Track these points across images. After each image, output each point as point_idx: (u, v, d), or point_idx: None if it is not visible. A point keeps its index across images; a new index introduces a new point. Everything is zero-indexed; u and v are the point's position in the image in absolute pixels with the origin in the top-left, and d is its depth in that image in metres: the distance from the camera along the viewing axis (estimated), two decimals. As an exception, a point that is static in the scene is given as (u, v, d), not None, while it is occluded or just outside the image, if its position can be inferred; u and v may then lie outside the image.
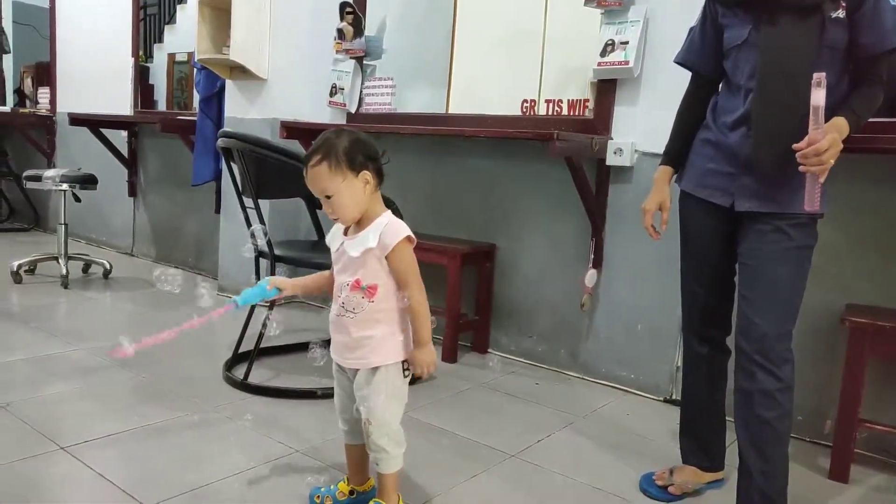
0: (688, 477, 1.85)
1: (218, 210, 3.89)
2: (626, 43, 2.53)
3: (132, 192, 4.82)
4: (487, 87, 3.11)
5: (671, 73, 1.92)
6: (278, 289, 1.57)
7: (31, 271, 3.93)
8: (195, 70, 3.96)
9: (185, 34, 4.52)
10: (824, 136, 1.40)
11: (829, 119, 1.48)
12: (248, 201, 2.45)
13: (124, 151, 4.75)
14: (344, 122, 3.46)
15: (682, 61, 1.78)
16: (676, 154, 1.79)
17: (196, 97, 3.99)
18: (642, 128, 2.55)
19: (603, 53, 2.58)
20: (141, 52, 4.74)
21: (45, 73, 5.52)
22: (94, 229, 5.14)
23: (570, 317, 2.80)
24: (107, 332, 3.02)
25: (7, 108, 5.69)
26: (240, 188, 2.52)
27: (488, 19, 3.11)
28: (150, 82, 4.88)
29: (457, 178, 3.14)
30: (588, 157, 2.60)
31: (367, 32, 3.42)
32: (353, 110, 3.46)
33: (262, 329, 2.47)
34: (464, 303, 2.94)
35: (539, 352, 2.91)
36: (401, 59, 3.40)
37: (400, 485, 1.60)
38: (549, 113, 2.87)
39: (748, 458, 1.60)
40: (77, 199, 3.93)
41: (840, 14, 1.50)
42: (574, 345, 2.80)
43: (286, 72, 3.54)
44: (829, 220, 1.68)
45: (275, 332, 2.58)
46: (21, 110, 5.60)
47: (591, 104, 2.74)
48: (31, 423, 2.01)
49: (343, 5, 3.40)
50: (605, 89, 2.64)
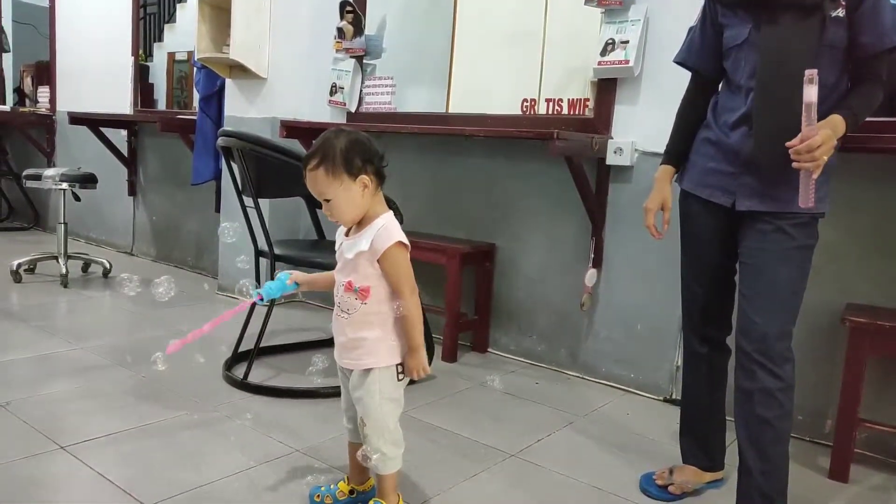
0: (688, 476, 1.85)
1: (218, 209, 3.89)
2: (627, 42, 2.52)
3: (132, 191, 4.82)
4: (488, 86, 3.11)
5: (672, 72, 1.92)
6: (297, 283, 1.58)
7: (31, 270, 3.93)
8: (195, 69, 3.96)
9: (184, 33, 4.53)
10: (817, 133, 1.40)
11: (827, 118, 1.48)
12: (249, 200, 2.45)
13: (124, 150, 4.75)
14: (344, 121, 3.46)
15: (681, 61, 1.78)
16: (677, 153, 1.78)
17: (196, 96, 3.99)
18: (643, 127, 2.55)
19: (603, 53, 2.58)
20: (141, 51, 4.74)
21: (44, 72, 5.52)
22: (93, 228, 5.14)
23: (570, 316, 2.80)
24: (106, 331, 3.02)
25: (7, 107, 5.68)
26: (240, 187, 2.52)
27: (488, 18, 3.10)
28: (150, 81, 4.88)
29: (457, 178, 3.13)
30: (588, 156, 2.60)
31: (367, 31, 3.42)
32: (353, 109, 3.46)
33: (262, 328, 2.48)
34: (464, 302, 2.94)
35: (539, 351, 2.91)
36: (401, 58, 3.40)
37: (400, 484, 1.60)
38: (550, 112, 2.87)
39: (748, 457, 1.59)
40: (77, 199, 3.93)
41: (840, 13, 1.50)
42: (574, 344, 2.80)
43: (286, 71, 3.54)
44: (829, 220, 1.68)
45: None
46: (21, 109, 5.60)
47: (591, 103, 2.74)
48: (31, 422, 2.01)
49: (343, 4, 3.40)
50: (606, 89, 2.64)
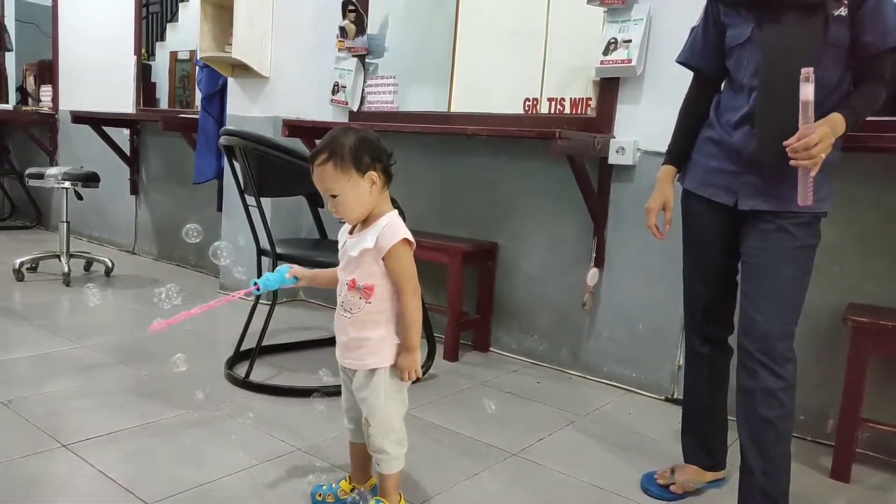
0: (689, 476, 1.85)
1: (220, 208, 3.89)
2: (629, 41, 2.52)
3: (134, 190, 4.82)
4: (490, 85, 3.10)
5: (674, 71, 1.91)
6: (296, 277, 1.57)
7: (34, 269, 3.94)
8: (197, 68, 3.96)
9: (187, 32, 4.53)
10: (814, 131, 1.40)
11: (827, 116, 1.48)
12: (251, 199, 2.46)
13: (126, 149, 4.75)
14: (346, 120, 3.45)
15: (684, 61, 1.78)
16: (679, 153, 1.78)
17: (198, 95, 3.99)
18: (645, 126, 2.55)
19: (605, 52, 2.57)
20: (143, 50, 4.74)
21: (47, 71, 5.53)
22: (95, 227, 5.15)
23: (571, 316, 2.80)
24: (108, 329, 3.03)
25: (9, 106, 5.69)
26: (242, 186, 2.52)
27: (491, 17, 3.10)
28: (153, 80, 4.88)
29: (459, 177, 3.13)
30: (590, 155, 2.60)
31: (369, 30, 3.42)
32: (355, 108, 3.46)
33: (264, 327, 2.48)
34: (465, 301, 2.94)
35: (540, 350, 2.91)
36: (403, 57, 3.40)
37: (401, 483, 1.60)
38: (552, 111, 2.87)
39: (750, 457, 1.59)
40: (79, 197, 3.94)
41: (842, 12, 1.49)
42: (575, 344, 2.80)
43: (288, 70, 3.54)
44: (832, 220, 1.68)
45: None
46: (23, 108, 5.61)
47: (593, 103, 2.74)
48: (33, 420, 2.02)
49: (345, 3, 3.40)
50: (608, 88, 2.64)
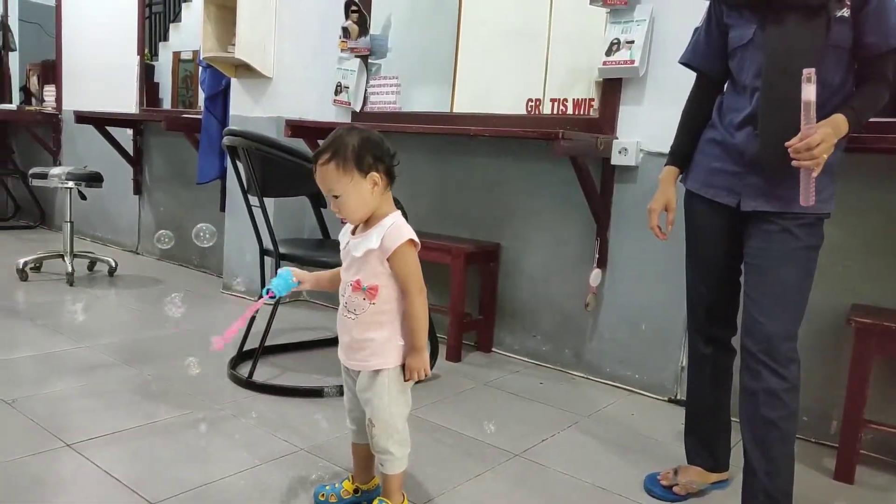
0: (692, 477, 1.85)
1: (223, 208, 3.90)
2: (632, 42, 2.52)
3: (137, 190, 4.83)
4: (492, 86, 3.10)
5: (677, 72, 1.91)
6: (299, 281, 1.56)
7: (37, 269, 3.95)
8: (200, 68, 3.97)
9: (190, 32, 4.53)
10: (816, 131, 1.40)
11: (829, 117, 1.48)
12: (254, 199, 2.46)
13: (130, 150, 4.76)
14: (349, 120, 3.46)
15: (687, 62, 1.78)
16: (682, 154, 1.78)
17: (201, 95, 4.00)
18: (648, 127, 2.55)
19: (608, 52, 2.57)
20: (146, 51, 4.75)
21: (50, 71, 5.53)
22: (99, 227, 5.16)
23: (574, 316, 2.80)
24: (112, 329, 3.03)
25: (13, 106, 5.70)
26: (245, 186, 2.53)
27: (493, 18, 3.10)
28: (156, 80, 4.89)
29: (461, 178, 3.13)
30: (593, 156, 2.60)
31: (372, 31, 3.42)
32: (357, 109, 3.46)
33: (267, 327, 2.48)
34: (468, 302, 2.94)
35: (543, 351, 2.91)
36: (406, 57, 3.40)
37: (404, 483, 1.60)
38: (554, 112, 2.87)
39: (753, 458, 1.59)
40: (83, 197, 3.94)
41: (845, 13, 1.49)
42: (578, 344, 2.80)
43: (291, 70, 3.54)
44: (835, 221, 1.68)
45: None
46: (27, 108, 5.62)
47: (596, 103, 2.74)
48: (37, 419, 2.02)
49: (348, 4, 3.40)
50: (611, 89, 2.64)
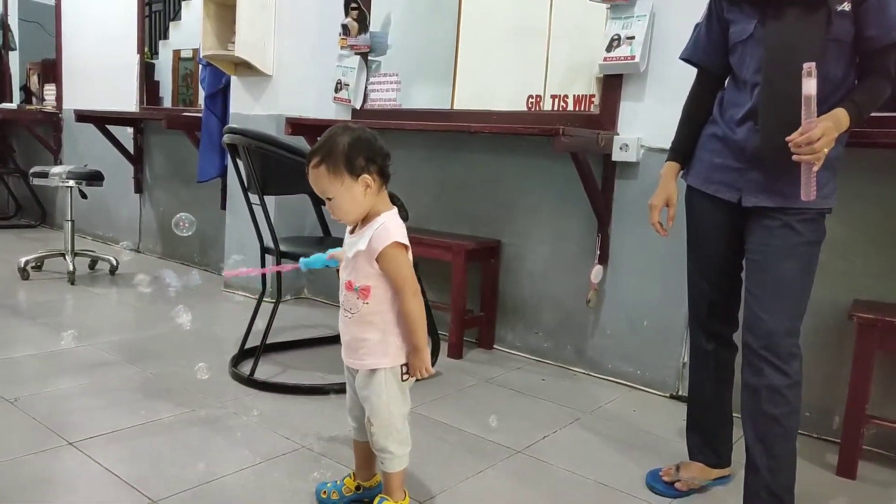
0: (694, 473, 1.85)
1: (224, 206, 3.90)
2: (633, 38, 2.51)
3: (138, 188, 4.83)
4: (493, 82, 3.10)
5: (678, 68, 1.90)
6: (337, 260, 1.59)
7: (39, 268, 3.95)
8: (200, 66, 3.97)
9: (190, 31, 4.53)
10: (816, 126, 1.40)
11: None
12: (254, 197, 2.46)
13: (130, 148, 4.76)
14: (349, 117, 3.46)
15: (687, 57, 1.77)
16: (683, 150, 1.78)
17: (201, 94, 3.99)
18: (648, 123, 2.54)
19: (609, 48, 2.57)
20: (146, 49, 4.75)
21: (51, 70, 5.53)
22: (100, 226, 5.16)
23: (575, 313, 2.79)
24: (113, 327, 3.04)
25: (13, 105, 5.71)
26: (245, 184, 2.52)
27: (493, 14, 3.10)
28: (156, 79, 4.88)
29: (462, 174, 3.13)
30: (594, 152, 2.59)
31: (371, 28, 3.42)
32: (357, 106, 3.46)
33: (269, 324, 2.48)
34: (469, 299, 2.94)
35: (545, 348, 2.90)
36: (406, 54, 3.40)
37: (406, 481, 1.60)
38: (555, 108, 2.87)
39: (755, 454, 1.59)
40: (83, 196, 3.94)
41: (846, 7, 1.49)
42: (580, 341, 2.80)
43: (291, 68, 3.54)
44: (837, 216, 1.67)
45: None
46: (27, 107, 5.62)
47: (596, 100, 2.73)
48: (39, 418, 2.02)
49: (348, 1, 3.40)
50: (612, 85, 2.63)
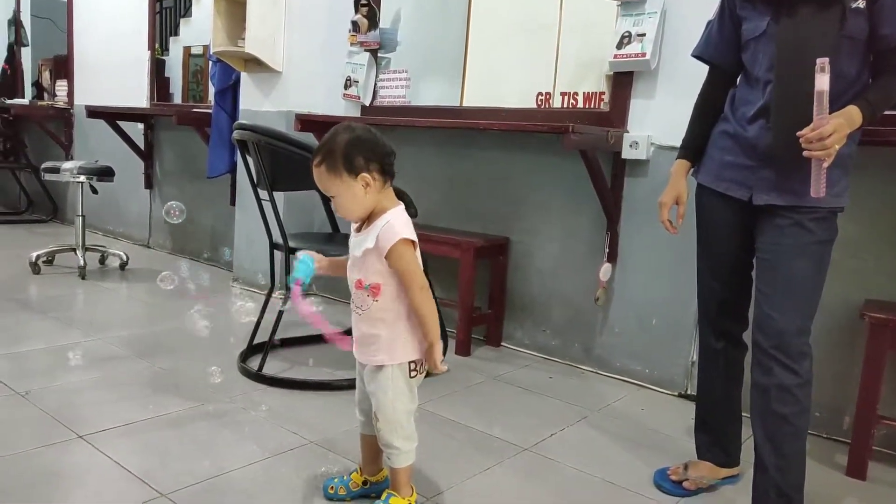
0: (703, 472, 1.84)
1: (233, 202, 3.91)
2: (644, 35, 2.50)
3: (148, 184, 4.86)
4: (502, 79, 3.09)
5: (689, 65, 1.89)
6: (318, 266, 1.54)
7: (50, 262, 3.98)
8: (210, 63, 3.98)
9: (200, 27, 4.54)
10: (828, 122, 1.39)
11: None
12: (264, 193, 2.47)
13: (141, 144, 4.78)
14: (358, 114, 3.46)
15: (699, 55, 1.76)
16: (694, 147, 1.77)
17: (211, 90, 4.01)
18: (659, 121, 2.53)
19: (619, 46, 2.55)
20: (157, 46, 4.76)
21: (62, 66, 5.57)
22: (110, 221, 5.19)
23: (584, 311, 2.79)
24: (123, 322, 3.05)
25: (25, 101, 5.74)
26: (255, 180, 2.53)
27: (503, 11, 3.09)
28: (166, 75, 4.90)
29: (471, 171, 3.13)
30: (603, 150, 2.58)
31: (381, 25, 3.42)
32: (367, 103, 3.46)
33: (277, 320, 2.49)
34: (477, 296, 2.94)
35: (553, 345, 2.90)
36: (415, 51, 3.40)
37: (413, 477, 1.60)
38: (565, 106, 2.86)
39: (764, 453, 1.58)
40: (94, 191, 3.97)
41: (860, 4, 1.47)
42: (588, 339, 2.79)
43: (301, 64, 3.54)
44: (850, 215, 1.66)
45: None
46: (39, 103, 5.66)
47: (606, 97, 2.72)
48: (50, 411, 2.04)
49: (358, -2, 3.40)
50: (622, 82, 2.62)
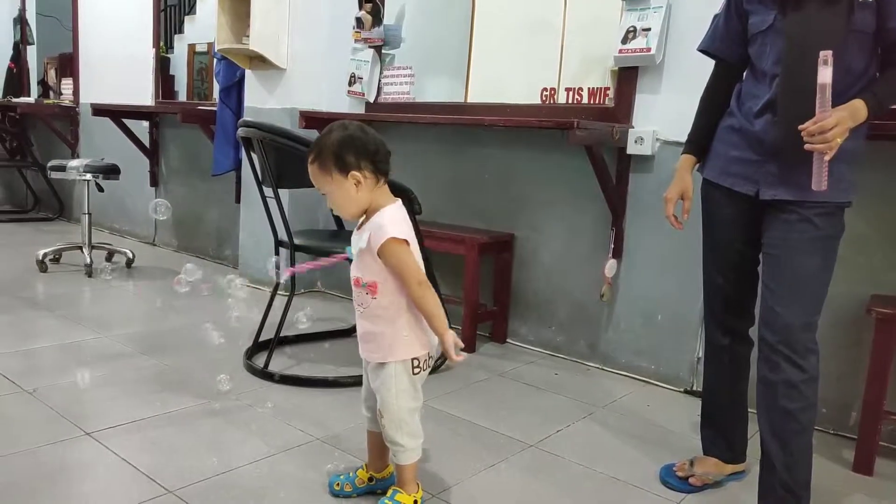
0: (709, 468, 1.84)
1: (238, 200, 3.91)
2: (649, 30, 2.49)
3: (154, 181, 4.87)
4: (506, 75, 3.08)
5: (694, 60, 1.88)
6: None
7: (56, 260, 4.00)
8: (215, 60, 3.98)
9: (205, 25, 4.54)
10: (831, 115, 1.38)
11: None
12: (269, 191, 2.47)
13: (146, 142, 4.79)
14: (363, 111, 3.46)
15: (706, 49, 1.75)
16: (699, 142, 1.76)
17: (216, 87, 4.01)
18: (664, 116, 2.52)
19: (624, 40, 2.54)
20: (162, 43, 4.77)
21: (68, 64, 5.58)
22: (116, 219, 5.21)
23: (589, 307, 2.78)
24: (130, 320, 3.07)
25: (31, 99, 5.76)
26: (259, 178, 2.53)
27: (507, 6, 3.08)
28: (171, 73, 4.91)
29: (476, 168, 3.12)
30: (608, 145, 2.57)
31: (385, 21, 3.41)
32: (371, 99, 3.46)
33: (283, 317, 2.49)
34: (482, 293, 2.94)
35: (558, 342, 2.90)
36: (419, 47, 3.39)
37: (419, 473, 1.61)
38: (569, 101, 2.85)
39: (771, 449, 1.58)
40: (100, 189, 3.98)
41: (868, -2, 1.46)
42: (593, 335, 2.79)
43: (305, 61, 3.54)
44: (857, 210, 1.65)
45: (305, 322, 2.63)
46: (45, 101, 5.67)
47: (611, 92, 2.71)
48: (57, 408, 2.05)
49: (362, -6, 3.39)
50: (627, 77, 2.61)
